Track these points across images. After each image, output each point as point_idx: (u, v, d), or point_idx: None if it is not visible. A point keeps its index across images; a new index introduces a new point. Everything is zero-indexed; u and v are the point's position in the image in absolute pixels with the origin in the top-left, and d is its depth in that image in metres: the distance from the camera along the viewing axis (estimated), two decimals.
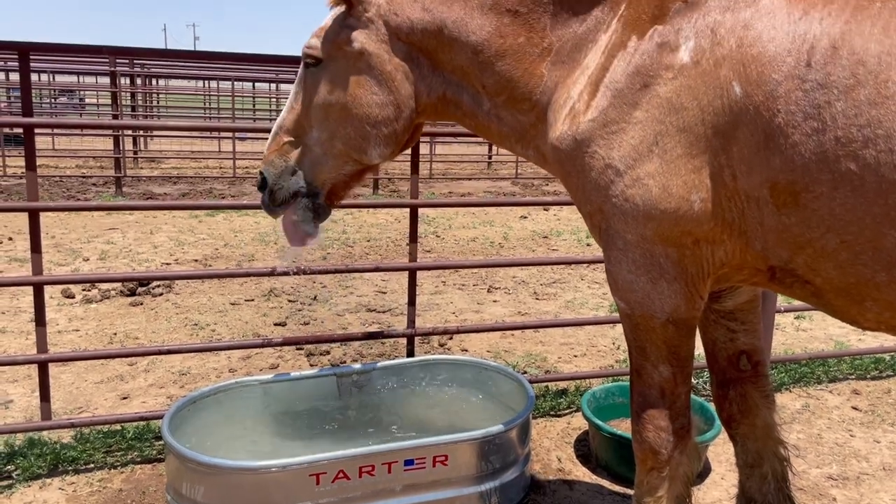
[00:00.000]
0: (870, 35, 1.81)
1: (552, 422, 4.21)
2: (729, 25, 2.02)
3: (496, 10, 2.45)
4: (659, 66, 2.10)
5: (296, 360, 5.17)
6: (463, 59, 2.51)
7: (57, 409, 4.17)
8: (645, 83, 2.12)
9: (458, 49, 2.50)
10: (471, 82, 2.54)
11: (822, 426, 4.23)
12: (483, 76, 2.49)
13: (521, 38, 2.43)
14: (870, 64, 1.78)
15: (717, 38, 2.03)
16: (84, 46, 5.67)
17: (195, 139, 19.75)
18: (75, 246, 8.48)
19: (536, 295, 7.16)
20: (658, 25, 2.15)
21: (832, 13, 1.88)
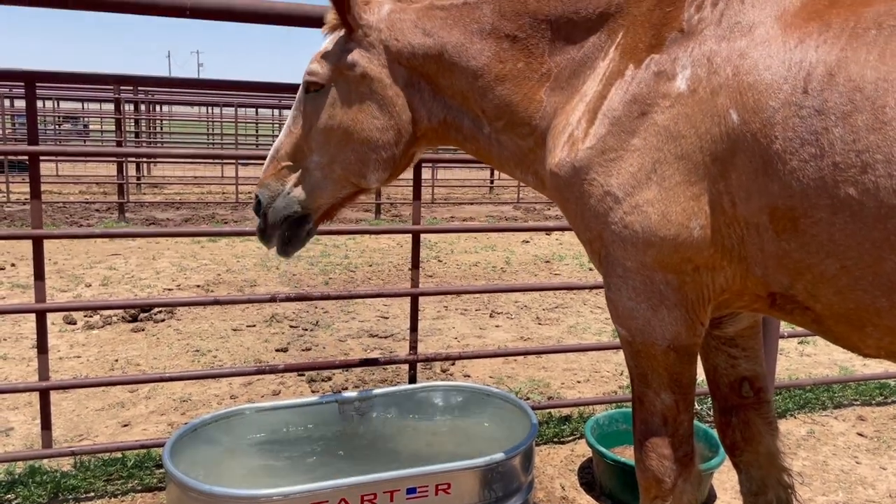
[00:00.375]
0: (866, 62, 1.83)
1: (556, 449, 4.18)
2: (725, 54, 2.05)
3: (495, 35, 2.48)
4: (656, 95, 2.12)
5: (297, 387, 5.15)
6: (463, 84, 2.53)
7: (57, 436, 4.15)
8: (642, 111, 2.14)
9: (458, 74, 2.52)
10: (471, 107, 2.56)
11: (828, 453, 4.19)
12: (483, 101, 2.51)
13: (520, 64, 2.46)
14: (867, 90, 1.80)
15: (713, 67, 2.05)
16: (89, 75, 5.73)
17: (198, 165, 19.86)
18: (78, 272, 8.50)
19: (539, 320, 7.15)
20: (655, 54, 2.17)
21: (828, 41, 1.90)
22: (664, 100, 2.11)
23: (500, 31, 2.48)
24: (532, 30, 2.46)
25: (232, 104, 18.30)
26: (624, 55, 2.26)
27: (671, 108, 2.10)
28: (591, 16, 2.39)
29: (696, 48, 2.11)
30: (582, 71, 2.40)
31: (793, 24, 2.00)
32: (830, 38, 1.91)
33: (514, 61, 2.47)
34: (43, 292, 3.60)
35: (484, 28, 2.49)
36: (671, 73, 2.12)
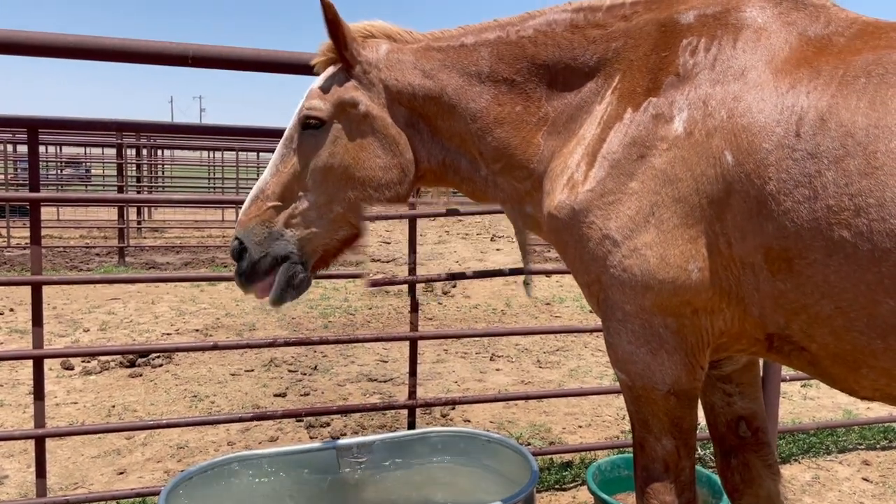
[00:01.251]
0: (856, 108, 1.86)
1: (557, 496, 4.12)
2: (719, 97, 2.08)
3: (493, 78, 2.51)
4: (654, 137, 2.15)
5: (295, 432, 5.10)
6: (461, 126, 2.54)
7: (52, 484, 4.09)
8: (641, 154, 2.17)
9: (456, 116, 2.53)
10: (468, 149, 2.57)
11: (833, 499, 4.13)
12: (481, 143, 2.52)
13: (518, 107, 2.48)
14: (858, 136, 1.83)
15: (708, 110, 2.09)
16: (92, 122, 5.79)
17: (199, 209, 19.96)
18: (76, 316, 8.47)
19: (540, 363, 7.11)
20: (653, 97, 2.21)
21: (818, 87, 1.94)
22: (662, 142, 2.14)
23: (497, 74, 2.50)
24: (530, 74, 2.50)
25: (233, 148, 18.47)
26: (622, 99, 2.30)
27: (668, 150, 2.12)
28: (589, 62, 2.43)
29: (691, 91, 2.14)
30: (579, 115, 2.44)
31: (783, 69, 2.05)
32: (821, 85, 1.94)
33: (512, 105, 2.49)
34: (41, 338, 3.58)
35: (482, 71, 2.51)
36: (669, 115, 2.15)
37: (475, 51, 2.55)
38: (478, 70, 2.52)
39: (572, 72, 2.46)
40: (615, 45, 2.39)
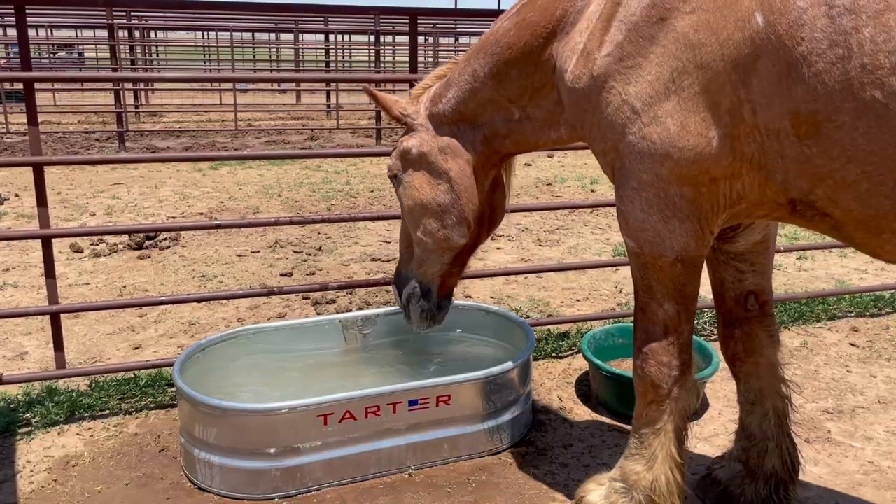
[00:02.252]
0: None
1: (553, 363, 4.30)
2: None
3: (502, 31, 2.73)
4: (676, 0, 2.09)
5: (302, 309, 5.26)
6: (487, 92, 2.78)
7: (71, 359, 4.28)
8: (662, 16, 2.11)
9: (481, 87, 2.79)
10: (499, 105, 2.79)
11: (820, 362, 4.31)
12: (507, 90, 2.74)
13: (525, 38, 2.62)
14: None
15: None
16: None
17: (196, 92, 19.59)
18: (81, 201, 8.54)
19: (540, 242, 7.21)
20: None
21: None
22: (685, 5, 2.07)
23: (506, 30, 2.71)
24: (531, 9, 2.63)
25: (227, 28, 17.92)
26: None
27: (692, 13, 2.06)
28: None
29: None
30: (586, 7, 2.42)
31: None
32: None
33: (519, 41, 2.64)
34: (47, 219, 3.65)
35: (495, 35, 2.76)
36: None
37: (494, 28, 2.81)
38: (493, 38, 2.76)
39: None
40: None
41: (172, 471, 3.20)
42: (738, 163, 2.11)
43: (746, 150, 2.08)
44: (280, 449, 2.97)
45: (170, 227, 4.44)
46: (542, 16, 2.57)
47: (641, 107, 2.15)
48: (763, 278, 2.75)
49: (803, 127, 1.93)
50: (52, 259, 3.70)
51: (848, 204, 1.98)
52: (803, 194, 2.06)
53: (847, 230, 2.07)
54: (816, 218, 2.11)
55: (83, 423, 3.59)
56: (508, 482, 3.12)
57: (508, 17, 2.75)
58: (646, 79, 2.13)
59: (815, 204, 2.06)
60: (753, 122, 2.03)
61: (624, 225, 2.39)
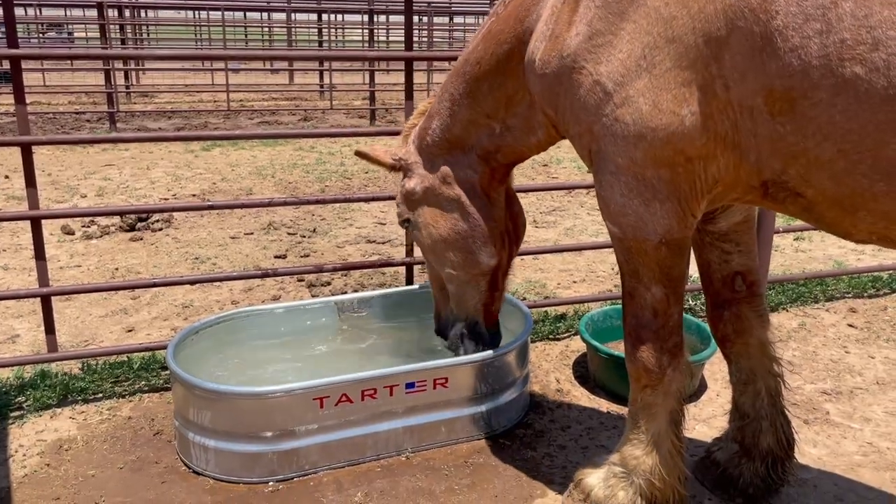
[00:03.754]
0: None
1: (551, 345, 4.28)
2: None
3: (475, 51, 2.75)
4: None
5: (297, 291, 5.22)
6: (465, 112, 2.82)
7: (63, 342, 4.24)
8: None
9: (458, 109, 2.83)
10: (479, 123, 2.82)
11: (818, 343, 4.29)
12: (483, 106, 2.77)
13: (490, 49, 2.65)
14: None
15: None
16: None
17: (188, 72, 19.39)
18: (72, 183, 8.44)
19: (536, 223, 7.17)
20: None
21: None
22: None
23: (474, 47, 2.75)
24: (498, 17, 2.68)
25: (219, 8, 17.69)
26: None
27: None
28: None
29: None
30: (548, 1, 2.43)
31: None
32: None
33: (486, 53, 2.67)
34: (36, 199, 3.58)
35: (465, 56, 2.79)
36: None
37: (464, 52, 2.84)
38: (464, 59, 2.80)
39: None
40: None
41: (167, 454, 3.16)
42: (711, 143, 2.07)
43: (720, 128, 2.03)
44: (276, 432, 2.94)
45: (162, 209, 4.38)
46: (505, 23, 2.60)
47: (613, 87, 2.11)
48: (749, 258, 2.73)
49: (777, 104, 1.88)
50: (41, 240, 3.64)
51: (822, 183, 1.94)
52: (776, 175, 2.02)
53: (819, 210, 2.03)
54: (788, 199, 2.08)
55: (76, 406, 3.55)
56: (506, 464, 3.10)
57: (475, 37, 2.80)
58: (617, 57, 2.09)
59: (788, 184, 2.02)
60: (726, 99, 1.98)
61: (605, 210, 2.35)
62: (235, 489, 2.93)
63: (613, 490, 2.57)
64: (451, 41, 22.50)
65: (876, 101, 1.74)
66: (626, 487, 2.55)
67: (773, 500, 2.85)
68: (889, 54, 1.69)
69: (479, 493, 2.92)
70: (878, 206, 1.88)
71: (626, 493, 2.55)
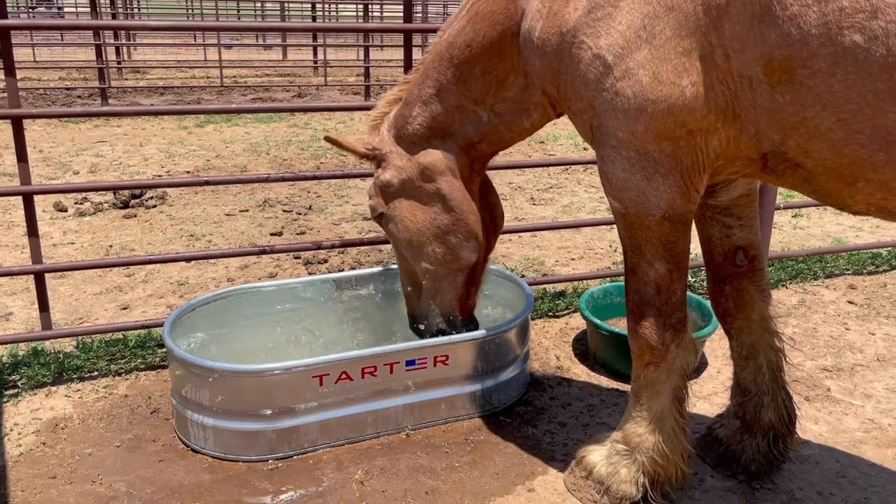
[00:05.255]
0: None
1: (550, 322, 4.25)
2: None
3: (461, 37, 2.64)
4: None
5: (294, 269, 5.17)
6: (452, 98, 2.72)
7: (57, 320, 4.19)
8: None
9: (445, 95, 2.73)
10: (466, 110, 2.73)
11: (818, 320, 4.28)
12: (472, 91, 2.68)
13: (482, 31, 2.56)
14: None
15: None
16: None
17: (180, 48, 19.14)
18: (64, 159, 8.34)
19: (533, 200, 7.12)
20: None
21: None
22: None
23: (464, 34, 2.63)
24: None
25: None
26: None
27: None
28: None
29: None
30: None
31: None
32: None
33: (477, 35, 2.57)
34: (28, 175, 3.52)
35: (449, 39, 2.68)
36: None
37: (445, 35, 2.72)
38: (448, 42, 2.68)
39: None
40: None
41: (164, 432, 3.13)
42: (712, 115, 2.04)
43: (720, 99, 2.01)
44: (275, 410, 2.91)
45: (157, 184, 4.32)
46: (496, 3, 2.52)
47: (613, 60, 2.08)
48: (751, 232, 2.70)
49: (776, 74, 1.86)
50: (34, 217, 3.58)
51: (821, 153, 1.91)
52: (775, 146, 2.00)
53: (819, 181, 2.01)
54: (787, 171, 2.06)
55: (71, 384, 3.51)
56: (507, 442, 3.09)
57: (458, 18, 2.69)
58: (617, 29, 2.06)
59: (787, 155, 2.00)
60: (726, 69, 1.95)
61: (607, 186, 2.32)
62: (234, 467, 2.91)
63: (616, 467, 2.55)
64: (445, 16, 22.26)
65: (875, 70, 1.71)
66: (628, 465, 2.54)
67: (776, 476, 2.84)
68: (888, 22, 1.67)
69: (481, 470, 2.90)
70: (877, 175, 1.86)
71: (629, 470, 2.53)
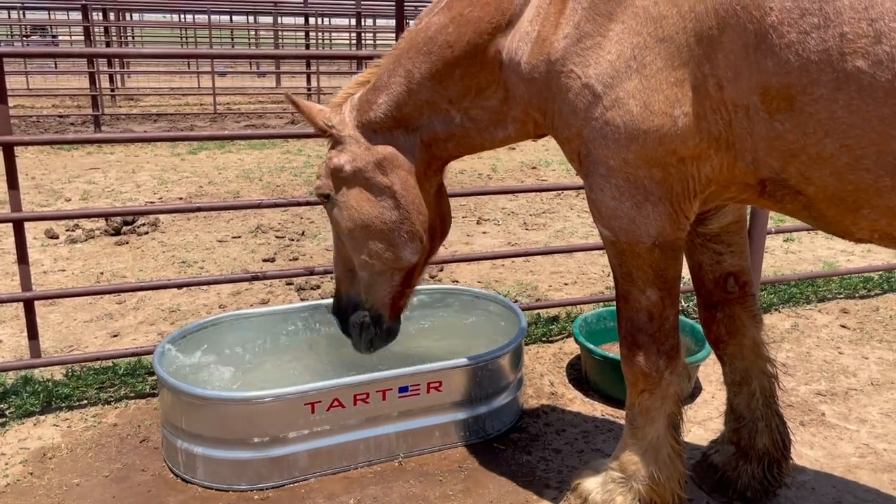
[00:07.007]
0: None
1: (544, 348, 4.24)
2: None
3: (439, 30, 2.51)
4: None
5: (286, 295, 5.15)
6: (425, 94, 2.58)
7: (47, 348, 4.15)
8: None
9: (417, 89, 2.59)
10: (438, 107, 2.61)
11: (811, 344, 4.27)
12: (448, 91, 2.56)
13: (468, 36, 2.45)
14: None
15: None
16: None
17: (174, 75, 19.24)
18: (56, 187, 8.33)
19: (526, 225, 7.13)
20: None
21: None
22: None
23: (444, 29, 2.49)
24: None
25: (205, 10, 17.59)
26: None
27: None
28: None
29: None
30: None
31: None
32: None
33: (460, 41, 2.46)
34: (18, 202, 3.50)
35: (428, 32, 2.54)
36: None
37: (420, 30, 2.58)
38: (426, 35, 2.54)
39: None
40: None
41: (154, 462, 3.09)
42: (705, 143, 2.03)
43: (713, 128, 2.00)
44: (266, 438, 2.88)
45: (148, 211, 4.30)
46: (485, 11, 2.40)
47: (603, 89, 2.06)
48: (741, 258, 2.69)
49: (774, 102, 1.85)
50: (24, 244, 3.56)
51: (823, 180, 1.90)
52: (775, 173, 1.98)
53: (820, 208, 1.99)
54: (787, 198, 2.04)
55: (60, 413, 3.47)
56: (501, 469, 3.05)
57: (438, 10, 2.54)
58: (606, 58, 2.04)
59: (788, 182, 1.98)
60: (720, 98, 1.94)
61: (596, 214, 2.31)
62: (225, 497, 2.86)
63: (612, 495, 2.52)
64: None
65: (880, 95, 1.70)
66: (624, 493, 2.51)
67: (772, 502, 2.82)
68: (892, 46, 1.66)
69: (475, 498, 2.86)
70: (883, 201, 1.85)
71: (625, 498, 2.50)
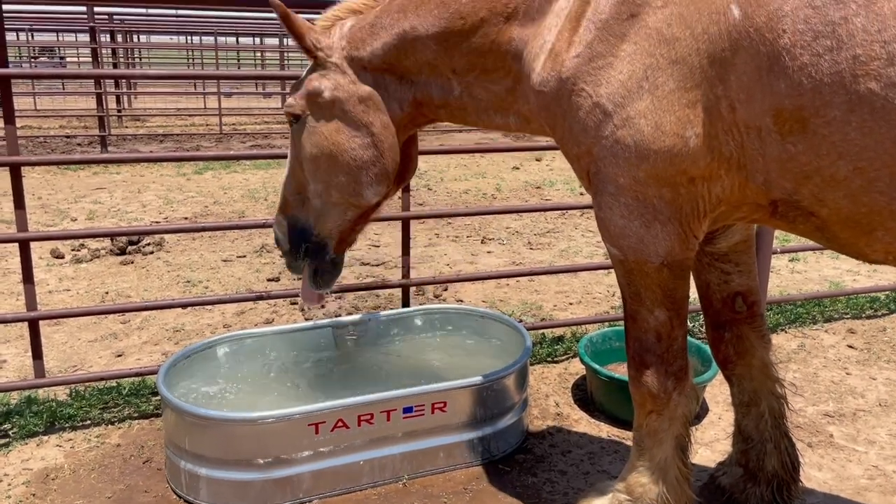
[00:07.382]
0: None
1: (549, 368, 4.21)
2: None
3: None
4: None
5: (290, 315, 5.14)
6: (429, 55, 2.50)
7: (51, 367, 4.14)
8: (632, 12, 2.04)
9: (421, 48, 2.49)
10: (440, 72, 2.53)
11: (818, 365, 4.25)
12: (453, 61, 2.48)
13: (482, 13, 2.38)
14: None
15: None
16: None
17: (180, 96, 19.39)
18: (62, 206, 8.37)
19: (531, 245, 7.13)
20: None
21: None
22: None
23: (465, 7, 2.40)
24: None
25: (211, 32, 17.77)
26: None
27: (664, 7, 1.99)
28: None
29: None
30: None
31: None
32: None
33: (474, 14, 2.39)
34: (24, 222, 3.51)
35: (446, 3, 2.43)
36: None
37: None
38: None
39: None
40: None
41: (157, 483, 3.07)
42: (715, 163, 2.03)
43: (724, 149, 2.00)
44: (269, 459, 2.86)
45: (154, 231, 4.32)
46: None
47: (613, 108, 2.06)
48: (749, 278, 2.68)
49: (787, 123, 1.85)
50: (30, 263, 3.57)
51: (837, 202, 1.90)
52: (787, 195, 1.98)
53: (833, 230, 1.99)
54: (799, 219, 2.04)
55: (63, 433, 3.46)
56: (506, 491, 3.02)
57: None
58: (617, 78, 2.05)
59: (800, 204, 1.98)
60: (732, 120, 1.95)
61: (605, 232, 2.30)
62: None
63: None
64: None
65: (893, 117, 1.71)
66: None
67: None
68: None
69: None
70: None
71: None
